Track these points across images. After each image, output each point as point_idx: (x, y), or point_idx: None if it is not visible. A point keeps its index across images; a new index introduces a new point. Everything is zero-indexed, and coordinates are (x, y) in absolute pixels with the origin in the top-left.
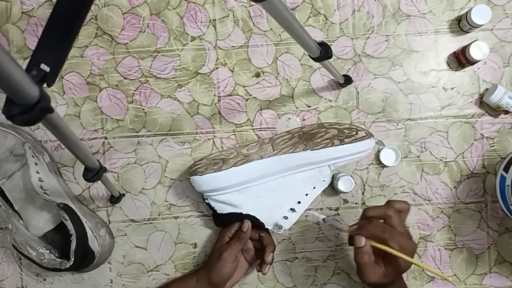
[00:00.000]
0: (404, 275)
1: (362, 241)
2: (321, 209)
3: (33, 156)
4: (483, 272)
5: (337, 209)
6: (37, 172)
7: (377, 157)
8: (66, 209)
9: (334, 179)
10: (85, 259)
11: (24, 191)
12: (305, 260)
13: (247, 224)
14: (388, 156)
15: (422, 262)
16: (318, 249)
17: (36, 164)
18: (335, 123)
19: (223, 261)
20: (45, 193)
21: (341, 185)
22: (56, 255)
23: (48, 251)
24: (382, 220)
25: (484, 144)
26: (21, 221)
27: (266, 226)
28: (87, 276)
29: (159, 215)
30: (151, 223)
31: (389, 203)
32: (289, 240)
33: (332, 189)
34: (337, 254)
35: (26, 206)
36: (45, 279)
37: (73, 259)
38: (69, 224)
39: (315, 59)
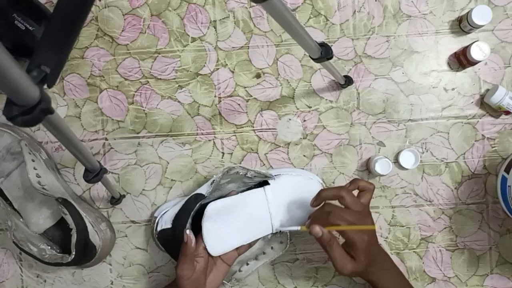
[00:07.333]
0: (405, 276)
1: (317, 230)
2: None
3: (29, 153)
4: (485, 273)
5: None
6: (35, 169)
7: (396, 159)
8: (65, 203)
9: (371, 161)
10: (86, 253)
11: (23, 189)
12: (306, 262)
13: (187, 237)
14: (407, 159)
15: (423, 263)
16: (319, 250)
17: (33, 161)
18: None
19: (179, 278)
20: (43, 188)
21: (378, 168)
22: (58, 251)
23: (49, 247)
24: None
25: (485, 145)
26: (21, 219)
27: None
28: (87, 277)
29: None
30: (151, 224)
31: (352, 182)
32: (290, 241)
33: None
34: None
35: (25, 204)
36: (45, 280)
37: (74, 253)
38: (69, 219)
39: (316, 60)
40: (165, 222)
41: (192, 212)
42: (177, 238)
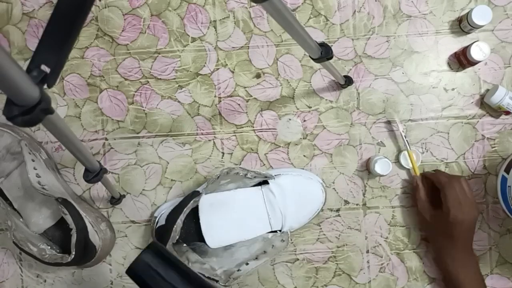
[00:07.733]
0: (405, 276)
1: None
2: (322, 210)
3: (29, 153)
4: (485, 273)
5: (338, 210)
6: (35, 169)
7: (396, 159)
8: (65, 203)
9: (371, 161)
10: (86, 253)
11: (23, 189)
12: (306, 262)
13: None
14: (407, 159)
15: (423, 263)
16: (318, 250)
17: (33, 161)
18: None
19: None
20: (43, 188)
21: (378, 168)
22: (58, 251)
23: (49, 247)
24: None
25: (485, 145)
26: (21, 219)
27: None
28: (87, 277)
29: None
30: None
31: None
32: (290, 242)
33: (333, 189)
34: (338, 256)
35: (25, 204)
36: (45, 280)
37: (74, 253)
38: (69, 218)
39: (316, 60)
40: (162, 220)
41: (185, 208)
42: (166, 232)
